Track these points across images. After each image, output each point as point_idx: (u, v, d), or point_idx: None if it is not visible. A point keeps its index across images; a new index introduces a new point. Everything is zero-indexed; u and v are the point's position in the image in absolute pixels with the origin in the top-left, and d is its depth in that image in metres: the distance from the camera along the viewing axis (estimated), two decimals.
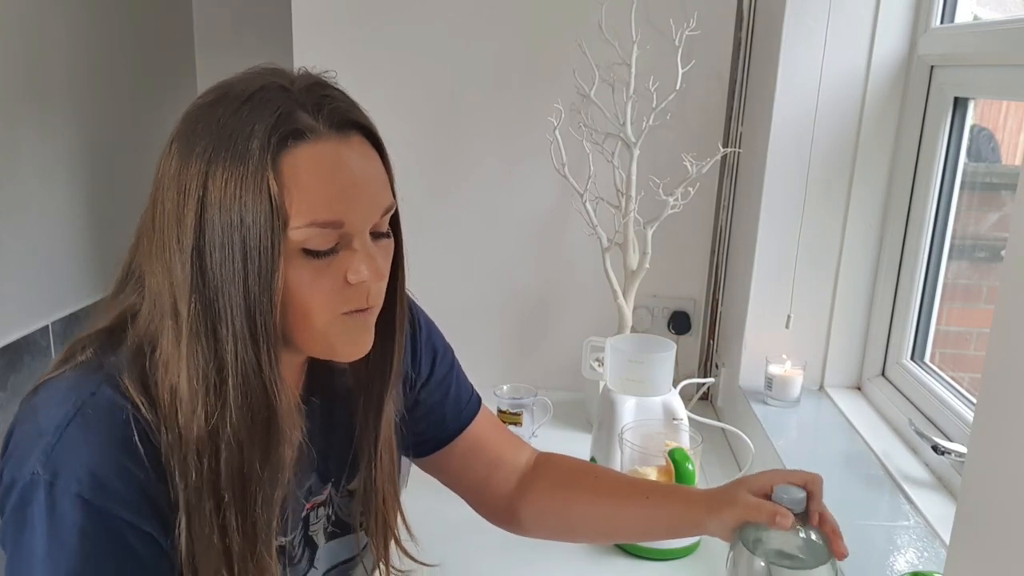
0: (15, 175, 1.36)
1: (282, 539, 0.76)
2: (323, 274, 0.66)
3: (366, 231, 0.67)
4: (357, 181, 0.66)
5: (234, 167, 0.62)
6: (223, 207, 0.62)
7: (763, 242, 1.40)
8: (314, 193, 0.63)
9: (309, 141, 0.63)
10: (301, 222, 0.63)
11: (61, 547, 0.62)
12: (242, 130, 0.62)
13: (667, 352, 1.20)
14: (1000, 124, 1.32)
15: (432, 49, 1.60)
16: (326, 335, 0.68)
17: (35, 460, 0.63)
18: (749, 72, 1.55)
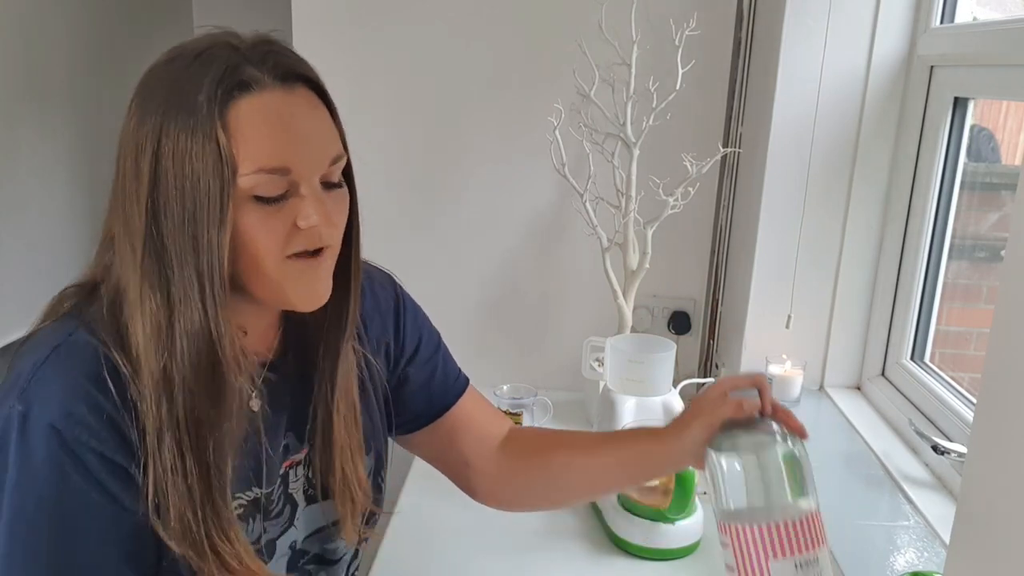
0: (15, 175, 1.36)
1: (257, 491, 0.78)
2: (273, 220, 0.68)
3: (314, 178, 0.70)
4: (302, 129, 0.69)
5: (184, 120, 0.65)
6: (175, 158, 0.65)
7: (763, 242, 1.40)
8: (261, 141, 0.66)
9: (255, 92, 0.66)
10: (249, 169, 0.66)
11: (32, 476, 0.65)
12: (192, 85, 0.65)
13: (667, 352, 1.20)
14: (1000, 124, 1.32)
15: (432, 49, 1.60)
16: (279, 281, 0.70)
17: (12, 398, 0.66)
18: (749, 72, 1.55)
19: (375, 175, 1.67)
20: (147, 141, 0.67)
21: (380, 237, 1.73)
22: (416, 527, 1.23)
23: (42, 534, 0.66)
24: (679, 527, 1.13)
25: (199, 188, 0.65)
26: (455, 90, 1.62)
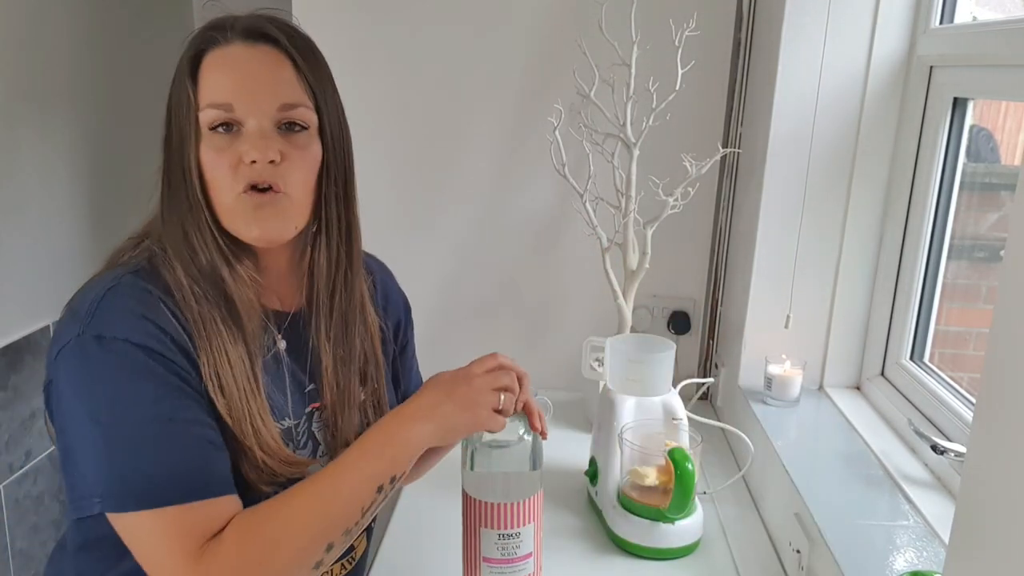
0: (15, 175, 1.36)
1: (287, 422, 0.87)
2: (224, 153, 0.79)
3: (263, 120, 0.80)
4: (249, 73, 0.80)
5: (177, 75, 0.82)
6: (172, 108, 0.81)
7: (763, 242, 1.40)
8: (213, 81, 0.80)
9: (220, 46, 0.81)
10: (204, 104, 0.80)
11: (123, 382, 0.74)
12: (189, 43, 0.82)
13: (667, 352, 1.20)
14: (999, 124, 1.32)
15: (432, 49, 1.60)
16: (233, 212, 0.81)
17: (79, 327, 0.76)
18: (749, 72, 1.55)
19: (375, 175, 1.67)
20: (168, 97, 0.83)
21: (380, 237, 1.74)
22: (416, 527, 1.23)
23: (144, 426, 0.74)
24: (679, 527, 1.13)
25: (180, 122, 0.80)
26: (455, 90, 1.62)
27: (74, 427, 0.75)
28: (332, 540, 0.74)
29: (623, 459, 1.18)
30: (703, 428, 1.35)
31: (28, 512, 1.43)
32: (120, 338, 0.75)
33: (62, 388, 0.76)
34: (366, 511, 0.76)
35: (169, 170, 0.82)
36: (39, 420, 1.43)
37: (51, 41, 1.43)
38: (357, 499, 0.76)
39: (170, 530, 0.72)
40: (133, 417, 0.74)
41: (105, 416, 0.74)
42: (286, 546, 0.73)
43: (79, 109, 1.51)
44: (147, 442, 0.74)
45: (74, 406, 0.75)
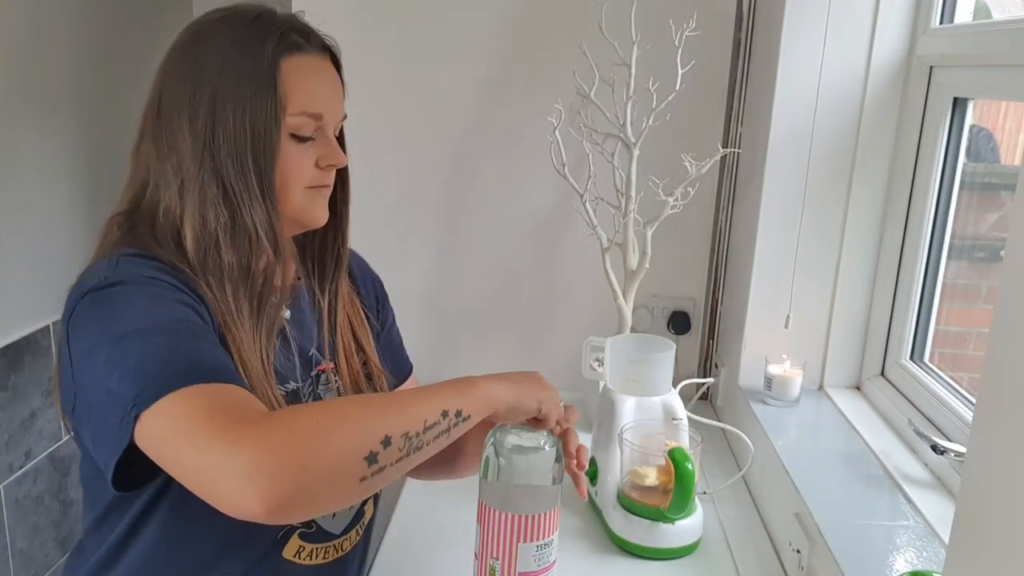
0: (15, 175, 1.36)
1: (293, 384, 0.91)
2: (304, 156, 0.86)
3: (335, 129, 0.90)
4: (332, 87, 0.88)
5: (246, 65, 0.81)
6: (236, 96, 0.81)
7: (763, 242, 1.40)
8: (306, 90, 0.84)
9: (304, 52, 0.85)
10: (296, 111, 0.83)
11: (124, 306, 0.76)
12: (254, 40, 0.82)
13: (667, 352, 1.20)
14: (999, 124, 1.32)
15: (432, 49, 1.60)
16: (300, 204, 0.88)
17: (95, 279, 0.78)
18: (749, 72, 1.55)
19: (375, 175, 1.67)
20: (205, 81, 0.81)
21: (380, 236, 1.75)
22: (416, 527, 1.23)
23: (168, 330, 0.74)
24: (679, 527, 1.13)
25: (257, 121, 0.81)
26: (455, 90, 1.62)
27: (99, 365, 0.73)
28: (390, 434, 0.69)
29: (623, 459, 1.18)
30: (703, 428, 1.35)
31: (28, 512, 1.43)
32: (140, 276, 0.78)
33: (80, 341, 0.76)
34: (428, 427, 0.73)
35: (217, 160, 0.82)
36: (39, 420, 1.43)
37: (51, 41, 1.43)
38: (421, 412, 0.73)
39: (204, 404, 0.68)
40: (156, 324, 0.74)
41: (130, 327, 0.74)
42: (346, 419, 0.69)
43: (79, 109, 1.51)
44: (172, 341, 0.73)
45: (96, 342, 0.74)
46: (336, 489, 0.67)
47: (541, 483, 0.87)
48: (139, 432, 0.69)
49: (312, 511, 0.71)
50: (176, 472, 0.69)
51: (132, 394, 0.69)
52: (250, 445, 0.64)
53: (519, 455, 0.86)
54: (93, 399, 0.74)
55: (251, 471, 0.63)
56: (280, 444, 0.65)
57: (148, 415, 0.68)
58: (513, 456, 0.86)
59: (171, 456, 0.69)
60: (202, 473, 0.66)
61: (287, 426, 0.67)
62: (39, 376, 1.42)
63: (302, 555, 0.91)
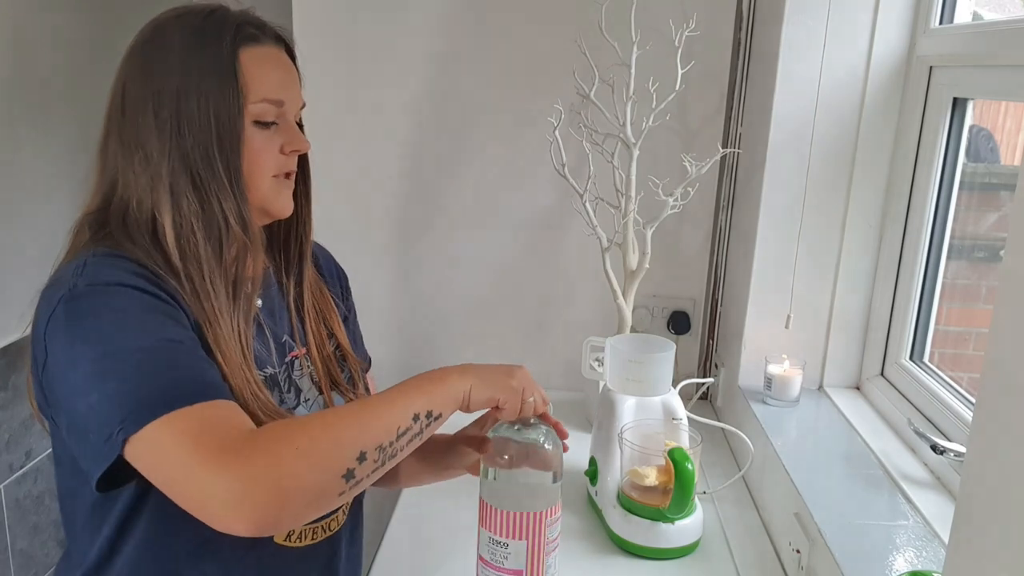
0: (14, 174, 1.35)
1: (271, 369, 0.93)
2: (269, 143, 0.88)
3: (295, 115, 0.91)
4: (290, 76, 0.91)
5: (206, 57, 0.84)
6: (198, 89, 0.83)
7: (763, 242, 1.40)
8: (266, 78, 0.87)
9: (260, 43, 0.87)
10: (257, 98, 0.86)
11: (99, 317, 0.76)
12: (212, 33, 0.85)
13: (667, 352, 1.20)
14: (999, 124, 1.32)
15: (432, 49, 1.60)
16: (269, 193, 0.89)
17: (62, 290, 0.78)
18: (748, 73, 1.55)
19: (375, 175, 1.67)
20: (167, 77, 0.83)
21: (380, 236, 1.74)
22: (416, 527, 1.24)
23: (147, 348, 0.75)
24: (679, 527, 1.13)
25: (220, 111, 0.83)
26: (455, 90, 1.62)
27: (78, 379, 0.74)
28: (365, 449, 0.73)
29: (623, 459, 1.18)
30: (703, 428, 1.35)
31: (28, 512, 1.43)
32: (112, 282, 0.78)
33: (57, 352, 0.77)
34: (401, 433, 0.76)
35: (183, 151, 0.84)
36: None
37: (51, 41, 1.43)
38: (393, 420, 0.76)
39: (190, 429, 0.71)
40: (135, 342, 0.75)
41: (107, 347, 0.74)
42: (321, 441, 0.72)
43: (79, 109, 1.51)
44: (153, 359, 0.75)
45: (75, 356, 0.75)
46: (317, 506, 0.73)
47: (541, 480, 0.87)
48: (126, 452, 0.72)
49: (296, 525, 0.76)
50: (163, 489, 0.73)
51: (117, 419, 0.71)
52: (235, 475, 0.68)
53: (519, 452, 0.87)
54: (73, 411, 0.75)
55: (237, 499, 0.67)
56: (263, 474, 0.69)
57: (135, 440, 0.71)
58: (513, 454, 0.87)
59: (160, 479, 0.73)
60: (191, 497, 0.70)
61: (268, 454, 0.70)
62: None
63: (292, 538, 0.93)
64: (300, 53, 0.95)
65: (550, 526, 0.89)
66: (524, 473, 0.88)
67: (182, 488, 0.70)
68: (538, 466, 0.88)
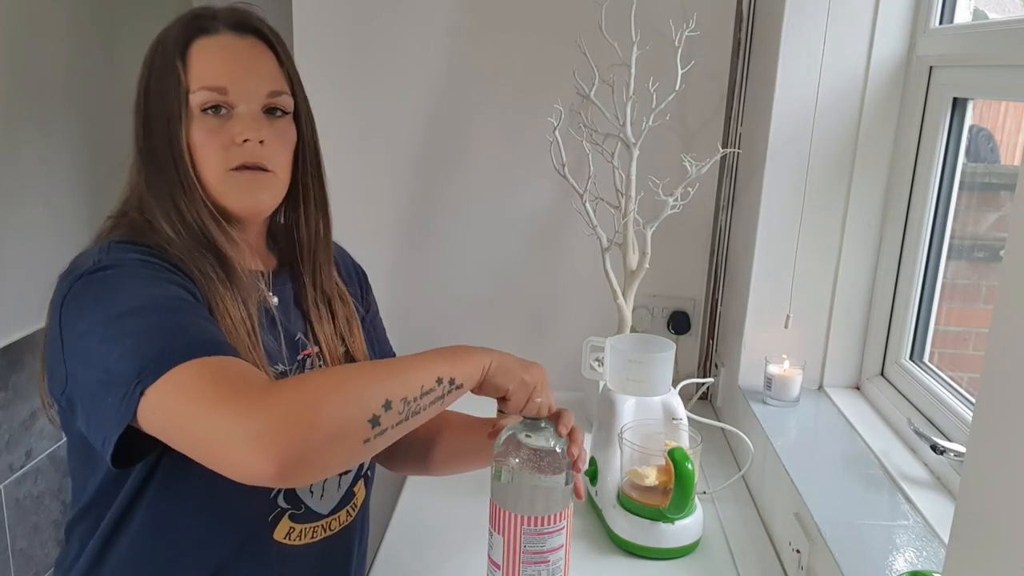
0: (15, 174, 1.36)
1: (281, 367, 0.93)
2: (217, 134, 0.86)
3: (252, 104, 0.88)
4: (241, 61, 0.88)
5: (161, 57, 0.87)
6: (153, 86, 0.87)
7: (762, 242, 1.40)
8: (207, 66, 0.86)
9: (210, 35, 0.87)
10: (196, 86, 0.86)
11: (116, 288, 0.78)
12: (171, 31, 0.88)
13: (667, 352, 1.20)
14: (999, 124, 1.33)
15: (432, 49, 1.60)
16: (223, 187, 0.88)
17: (85, 266, 0.80)
18: (748, 73, 1.55)
19: (375, 175, 1.67)
20: (142, 77, 0.88)
21: (380, 236, 1.74)
22: (416, 527, 1.24)
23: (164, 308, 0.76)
24: (679, 527, 1.13)
25: (168, 104, 0.85)
26: (455, 91, 1.62)
27: (95, 345, 0.74)
28: (391, 398, 0.72)
29: (623, 459, 1.18)
30: (703, 428, 1.35)
31: (28, 512, 1.43)
32: (126, 260, 0.81)
33: (73, 324, 0.77)
34: (424, 392, 0.76)
35: (151, 148, 0.87)
36: (39, 420, 1.43)
37: (51, 39, 1.43)
38: (419, 377, 0.76)
39: (209, 373, 0.70)
40: (151, 303, 0.76)
41: (125, 307, 0.75)
42: (348, 383, 0.72)
43: (79, 109, 1.51)
44: (168, 317, 0.75)
45: (92, 323, 0.75)
46: (342, 450, 0.70)
47: (553, 484, 0.87)
48: (142, 408, 0.70)
49: (319, 471, 0.71)
50: (181, 443, 0.70)
51: (134, 371, 0.70)
52: (258, 409, 0.66)
53: (530, 456, 0.87)
54: (89, 380, 0.74)
55: (260, 433, 0.65)
56: (288, 406, 0.67)
57: (152, 391, 0.69)
58: (524, 457, 0.87)
59: (176, 427, 0.70)
60: (210, 441, 0.67)
61: (293, 390, 0.69)
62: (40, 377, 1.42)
63: (292, 536, 0.92)
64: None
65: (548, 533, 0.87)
66: (531, 476, 0.88)
67: (200, 431, 0.68)
68: (544, 471, 0.87)
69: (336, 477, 0.96)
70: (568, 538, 0.89)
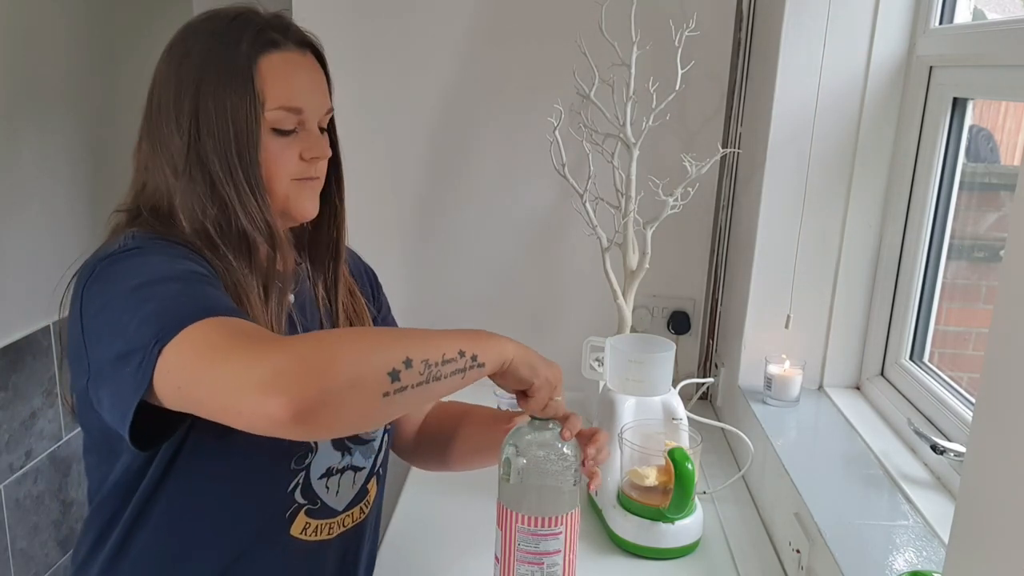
0: (15, 174, 1.36)
1: None
2: (288, 150, 0.88)
3: (316, 122, 0.91)
4: (312, 81, 0.91)
5: (225, 64, 0.85)
6: (215, 94, 0.84)
7: (763, 242, 1.40)
8: (284, 85, 0.87)
9: (280, 49, 0.88)
10: (274, 105, 0.86)
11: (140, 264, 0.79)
12: (232, 38, 0.86)
13: (667, 352, 1.20)
14: (999, 124, 1.33)
15: (432, 49, 1.60)
16: (286, 196, 0.90)
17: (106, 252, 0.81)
18: (748, 73, 1.55)
19: (375, 175, 1.67)
20: (188, 79, 0.85)
21: (381, 236, 1.74)
22: (416, 527, 1.24)
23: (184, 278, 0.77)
24: (679, 527, 1.13)
25: (238, 117, 0.84)
26: (455, 91, 1.62)
27: (114, 316, 0.75)
28: (411, 357, 0.71)
29: (623, 459, 1.18)
30: (703, 428, 1.35)
31: (28, 512, 1.43)
32: (156, 243, 0.83)
33: (96, 298, 0.78)
34: (446, 360, 0.75)
35: (204, 156, 0.85)
36: (39, 420, 1.43)
37: (51, 39, 1.43)
38: (441, 346, 0.75)
39: (227, 326, 0.70)
40: (172, 274, 0.77)
41: (146, 278, 0.76)
42: (367, 337, 0.73)
43: (79, 109, 1.51)
44: (188, 287, 0.76)
45: (113, 296, 0.76)
46: (360, 400, 0.68)
47: (560, 484, 0.87)
48: (159, 369, 0.69)
49: (336, 420, 0.69)
50: (197, 397, 0.69)
51: (153, 332, 0.70)
52: (274, 353, 0.66)
53: (538, 457, 0.87)
54: (108, 355, 0.74)
55: (275, 374, 0.64)
56: (304, 351, 0.67)
57: (169, 348, 0.69)
58: (532, 458, 0.87)
59: (192, 379, 0.69)
60: (224, 385, 0.66)
61: (311, 338, 0.71)
62: (39, 376, 1.43)
63: (308, 531, 0.93)
64: None
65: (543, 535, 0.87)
66: (537, 476, 0.87)
67: (214, 378, 0.67)
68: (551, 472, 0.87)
69: (351, 474, 0.96)
70: (569, 544, 0.88)
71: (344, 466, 0.95)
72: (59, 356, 1.44)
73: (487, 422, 1.07)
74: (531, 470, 0.87)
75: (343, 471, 0.95)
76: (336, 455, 0.94)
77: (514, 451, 0.87)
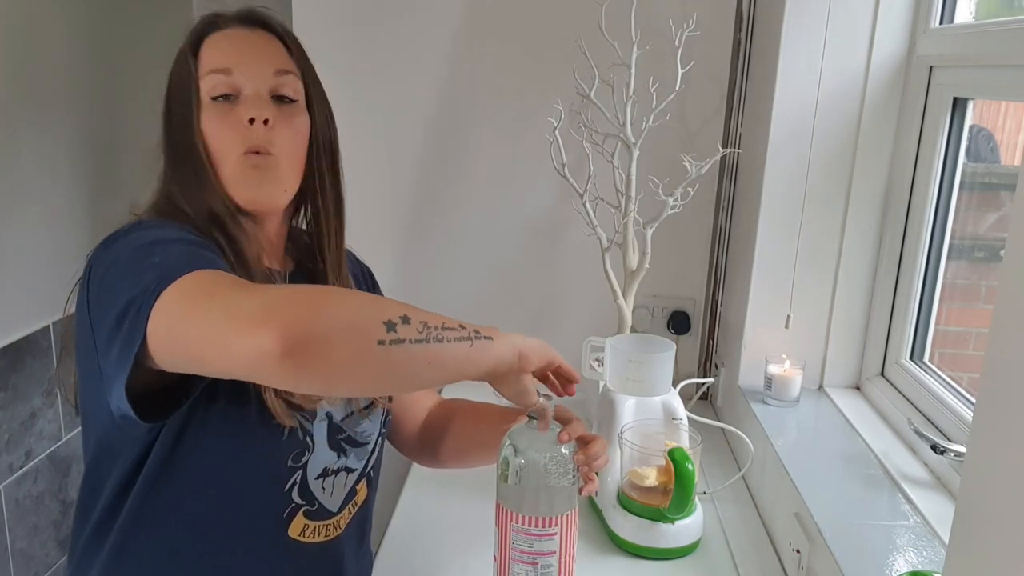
0: (15, 174, 1.36)
1: None
2: (225, 119, 0.87)
3: (258, 84, 0.88)
4: (247, 45, 0.90)
5: (178, 58, 0.90)
6: (173, 87, 0.90)
7: (763, 242, 1.40)
8: (215, 52, 0.89)
9: (220, 29, 0.90)
10: (205, 72, 0.88)
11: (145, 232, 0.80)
12: (192, 31, 0.91)
13: (667, 352, 1.20)
14: (999, 124, 1.32)
15: (432, 49, 1.60)
16: (233, 177, 0.88)
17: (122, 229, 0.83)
18: (748, 73, 1.55)
19: (375, 175, 1.67)
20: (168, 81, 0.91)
21: (381, 237, 1.74)
22: (416, 527, 1.24)
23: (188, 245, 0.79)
24: (679, 527, 1.13)
25: (181, 95, 0.88)
26: (455, 91, 1.62)
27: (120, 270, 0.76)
28: (410, 315, 0.70)
29: (623, 459, 1.18)
30: (703, 428, 1.35)
31: (28, 512, 1.43)
32: (165, 222, 0.84)
33: (103, 259, 0.80)
34: (447, 327, 0.75)
35: (172, 143, 0.89)
36: (39, 420, 1.43)
37: (51, 40, 1.43)
38: (441, 317, 0.75)
39: (223, 276, 0.72)
40: (177, 237, 0.80)
41: (151, 238, 0.78)
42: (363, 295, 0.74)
43: (79, 109, 1.51)
44: (192, 248, 0.78)
45: (119, 254, 0.78)
46: (353, 343, 0.66)
47: (559, 484, 0.87)
48: (155, 310, 0.69)
49: (328, 363, 0.65)
50: (186, 337, 0.69)
51: (153, 278, 0.71)
52: (267, 291, 0.67)
53: (536, 457, 0.87)
54: (107, 320, 0.74)
55: (267, 308, 0.64)
56: (299, 291, 0.69)
57: (165, 294, 0.69)
58: (530, 458, 0.87)
59: (182, 321, 0.68)
60: (213, 320, 0.66)
61: (306, 285, 0.75)
62: (39, 376, 1.42)
63: (306, 533, 0.93)
64: None
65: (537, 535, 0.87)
66: (536, 476, 0.87)
67: (204, 316, 0.66)
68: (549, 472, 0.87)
69: (344, 475, 0.96)
70: (565, 546, 0.88)
71: (339, 467, 0.95)
72: (59, 356, 1.44)
73: (493, 419, 1.06)
74: (529, 470, 0.87)
75: (337, 472, 0.95)
76: (332, 455, 0.94)
77: (512, 451, 0.87)
